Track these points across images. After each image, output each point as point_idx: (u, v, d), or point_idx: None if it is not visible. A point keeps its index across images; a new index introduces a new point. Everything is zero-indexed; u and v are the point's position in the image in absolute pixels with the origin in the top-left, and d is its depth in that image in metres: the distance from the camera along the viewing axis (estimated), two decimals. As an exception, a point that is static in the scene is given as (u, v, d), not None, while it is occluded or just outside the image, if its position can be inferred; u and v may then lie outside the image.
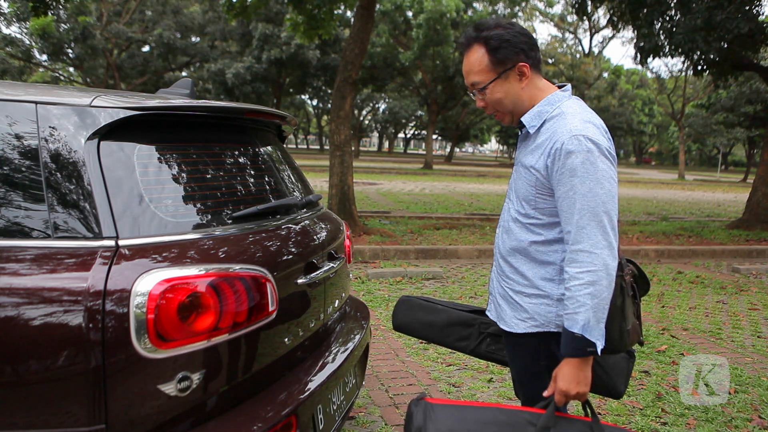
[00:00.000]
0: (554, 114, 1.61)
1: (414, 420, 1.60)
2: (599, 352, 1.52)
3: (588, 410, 1.65)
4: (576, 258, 1.50)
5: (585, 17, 11.93)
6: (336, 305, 2.27)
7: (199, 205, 1.67)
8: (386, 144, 72.12)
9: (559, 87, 1.70)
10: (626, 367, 1.80)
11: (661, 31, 9.69)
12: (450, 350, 3.95)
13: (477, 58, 1.64)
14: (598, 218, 1.49)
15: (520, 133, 1.74)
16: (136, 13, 30.39)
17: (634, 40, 10.35)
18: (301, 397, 1.75)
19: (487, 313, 1.90)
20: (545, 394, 1.61)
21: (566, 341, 1.52)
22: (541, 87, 1.67)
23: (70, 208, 1.45)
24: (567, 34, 40.78)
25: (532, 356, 1.72)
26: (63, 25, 27.36)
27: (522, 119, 1.67)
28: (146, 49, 31.89)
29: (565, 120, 1.57)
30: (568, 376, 1.53)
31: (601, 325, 1.50)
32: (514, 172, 1.75)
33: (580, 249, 1.50)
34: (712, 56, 9.46)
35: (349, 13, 21.09)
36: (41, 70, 34.73)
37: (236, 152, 1.96)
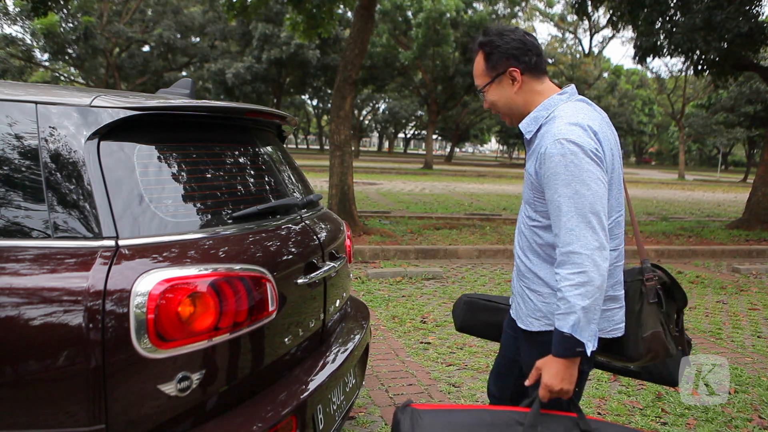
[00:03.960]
0: (549, 118, 1.63)
1: (401, 427, 1.59)
2: (588, 353, 1.52)
3: (572, 407, 1.64)
4: (566, 260, 1.50)
5: (585, 17, 11.93)
6: (336, 305, 2.27)
7: (199, 205, 1.67)
8: (386, 144, 72.12)
9: (560, 92, 1.70)
10: (681, 356, 1.83)
11: (660, 31, 9.68)
12: (449, 350, 3.96)
13: (477, 64, 1.74)
14: (586, 219, 1.49)
15: (525, 139, 1.76)
16: (137, 13, 30.39)
17: (634, 40, 10.35)
18: (301, 397, 1.75)
19: (510, 312, 1.90)
20: (526, 383, 1.62)
21: (556, 340, 1.52)
22: (540, 91, 1.70)
23: (70, 208, 1.45)
24: (567, 34, 40.80)
25: (544, 353, 1.70)
26: (64, 24, 27.37)
27: (519, 125, 1.70)
28: (146, 49, 31.89)
29: (554, 124, 1.58)
30: (555, 373, 1.53)
31: (593, 326, 1.50)
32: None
33: (570, 251, 1.50)
34: (711, 56, 9.46)
35: (349, 14, 21.09)
36: (41, 69, 34.72)
37: (236, 152, 1.96)
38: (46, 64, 32.67)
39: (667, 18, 9.60)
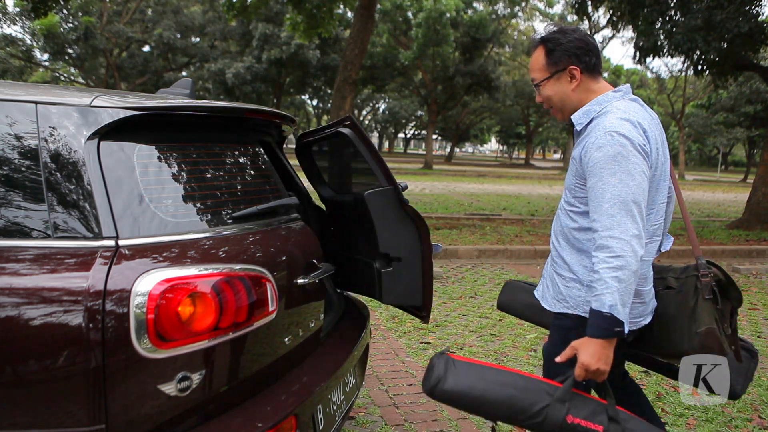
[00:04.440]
0: (600, 112, 1.72)
1: (435, 369, 1.66)
2: (625, 334, 1.57)
3: (605, 394, 1.68)
4: (606, 243, 1.57)
5: (585, 17, 11.93)
6: (336, 305, 2.26)
7: (199, 205, 1.67)
8: (386, 144, 72.12)
9: (615, 90, 1.78)
10: (747, 366, 1.85)
11: (660, 31, 9.68)
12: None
13: (536, 58, 1.82)
14: (627, 207, 1.57)
15: (574, 131, 1.85)
16: (137, 13, 30.38)
17: (634, 40, 10.35)
18: (301, 397, 1.75)
19: (534, 292, 2.00)
20: (558, 359, 1.67)
21: (593, 321, 1.58)
22: (594, 89, 1.78)
23: (70, 208, 1.45)
24: (567, 34, 40.72)
25: (563, 338, 1.78)
26: (64, 24, 27.37)
27: (572, 117, 1.80)
28: (146, 49, 31.88)
29: (605, 118, 1.67)
30: (592, 352, 1.58)
31: (626, 310, 1.56)
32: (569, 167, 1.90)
33: (609, 235, 1.56)
34: (711, 56, 9.46)
35: (349, 14, 21.09)
36: (41, 69, 34.72)
37: (236, 152, 1.96)
38: (46, 64, 32.66)
39: (667, 18, 9.59)
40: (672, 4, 9.41)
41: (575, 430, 1.58)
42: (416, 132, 64.37)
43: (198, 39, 32.07)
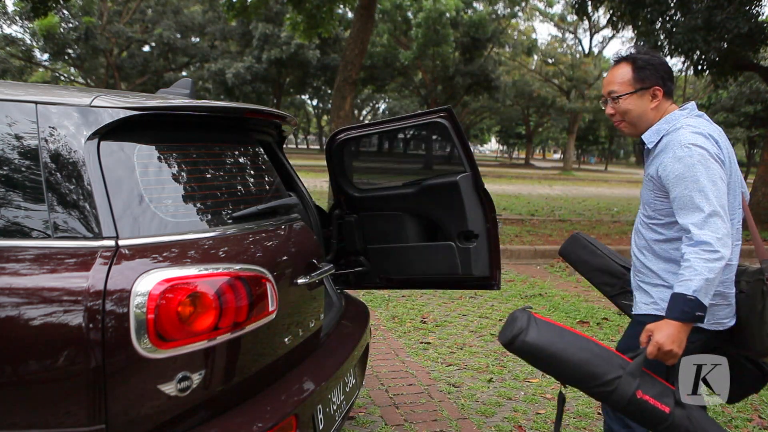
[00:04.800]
0: (671, 130, 1.84)
1: (517, 321, 1.71)
2: (704, 320, 1.67)
3: (674, 380, 1.71)
4: (702, 239, 1.65)
5: (585, 17, 11.92)
6: (336, 305, 2.27)
7: (199, 205, 1.67)
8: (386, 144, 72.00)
9: (681, 108, 1.90)
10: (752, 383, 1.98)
11: (661, 31, 9.67)
12: (449, 350, 3.96)
13: (621, 73, 1.90)
14: (716, 213, 1.67)
15: (643, 149, 1.97)
16: (137, 13, 30.37)
17: (634, 40, 10.34)
18: (301, 397, 1.75)
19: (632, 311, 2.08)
20: (641, 338, 1.73)
21: (675, 304, 1.65)
22: (665, 110, 1.91)
23: (70, 208, 1.45)
24: (567, 34, 40.79)
25: (639, 333, 1.84)
26: (64, 24, 27.36)
27: (643, 137, 1.90)
28: (146, 49, 31.87)
29: (678, 134, 1.80)
30: (668, 333, 1.65)
31: (707, 300, 1.64)
32: (643, 184, 2.01)
33: (703, 234, 1.66)
34: (712, 56, 9.45)
35: (349, 14, 21.09)
36: (41, 69, 34.71)
37: (236, 152, 1.96)
38: (46, 64, 32.66)
39: (667, 18, 9.59)
40: (672, 4, 9.41)
41: (643, 406, 1.63)
42: (416, 132, 64.19)
43: (198, 39, 32.06)
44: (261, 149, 2.12)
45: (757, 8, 8.92)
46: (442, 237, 2.68)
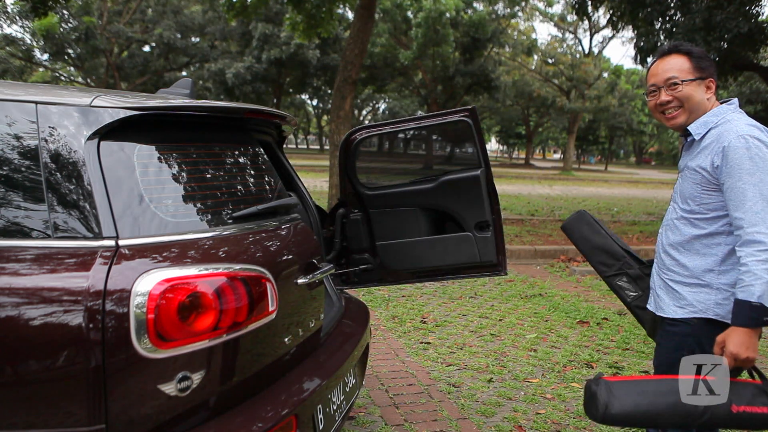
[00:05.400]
0: (719, 123, 1.84)
1: (599, 397, 1.71)
2: None
3: (757, 375, 1.74)
4: (753, 238, 1.65)
5: (585, 17, 11.92)
6: (336, 305, 2.26)
7: (199, 205, 1.67)
8: (386, 144, 72.01)
9: (723, 102, 1.91)
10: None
11: (660, 31, 9.67)
12: (449, 350, 3.96)
13: (678, 62, 1.90)
14: None
15: (685, 142, 1.97)
16: (137, 13, 30.37)
17: (634, 40, 10.34)
18: (301, 397, 1.75)
19: (647, 306, 2.07)
20: (715, 350, 1.72)
21: (741, 311, 1.65)
22: (714, 102, 1.92)
23: (70, 208, 1.45)
24: (567, 34, 40.77)
25: (677, 345, 1.87)
26: (64, 24, 27.36)
27: (689, 128, 1.89)
28: (146, 49, 31.87)
29: (731, 124, 1.80)
30: (740, 341, 1.65)
31: None
32: (680, 178, 1.99)
33: (756, 231, 1.65)
34: (711, 56, 9.45)
35: (349, 14, 21.09)
36: (41, 69, 34.71)
37: (236, 152, 1.96)
38: (46, 64, 32.65)
39: (667, 18, 9.59)
40: (672, 4, 9.40)
41: (742, 418, 1.64)
42: (416, 132, 64.18)
43: (198, 39, 32.05)
44: (261, 149, 2.12)
45: (756, 8, 8.92)
46: (457, 228, 2.88)
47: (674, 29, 9.29)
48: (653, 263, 2.08)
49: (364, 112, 53.13)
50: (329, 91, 32.70)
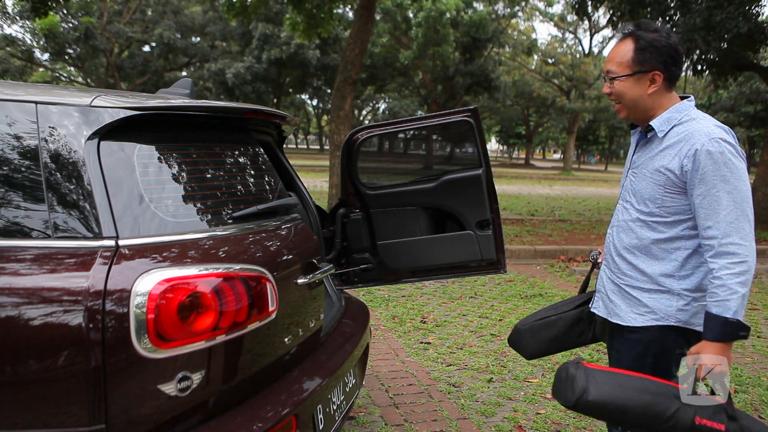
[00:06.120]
0: (683, 120, 1.72)
1: (578, 381, 1.66)
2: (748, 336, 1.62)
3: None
4: (727, 250, 1.60)
5: (585, 17, 11.92)
6: (336, 305, 2.26)
7: (199, 205, 1.67)
8: (386, 144, 71.99)
9: (682, 98, 1.78)
10: None
11: (660, 31, 9.66)
12: (449, 350, 3.96)
13: (622, 50, 1.74)
14: (744, 213, 1.61)
15: (639, 137, 1.83)
16: (137, 13, 30.37)
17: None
18: (301, 397, 1.75)
19: (593, 309, 1.99)
20: (688, 362, 1.69)
21: (715, 326, 1.60)
22: (667, 97, 1.77)
23: (70, 208, 1.45)
24: (567, 34, 40.77)
25: (641, 352, 1.81)
26: (64, 24, 27.35)
27: (652, 124, 1.75)
28: (146, 49, 31.87)
29: (699, 124, 1.68)
30: (714, 355, 1.61)
31: (743, 312, 1.60)
32: (631, 175, 1.84)
33: (730, 242, 1.60)
34: (711, 56, 9.46)
35: (349, 14, 21.09)
36: (41, 69, 34.71)
37: (236, 152, 1.96)
38: (46, 64, 32.65)
39: (667, 18, 9.59)
40: (672, 4, 9.41)
41: (702, 430, 1.61)
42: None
43: (198, 39, 32.05)
44: (261, 149, 2.12)
45: (756, 8, 8.92)
46: (458, 227, 2.90)
47: (674, 29, 9.30)
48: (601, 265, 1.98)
49: (364, 112, 53.11)
50: (329, 91, 32.68)
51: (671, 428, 1.61)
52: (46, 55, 30.63)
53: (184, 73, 32.83)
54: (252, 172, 1.99)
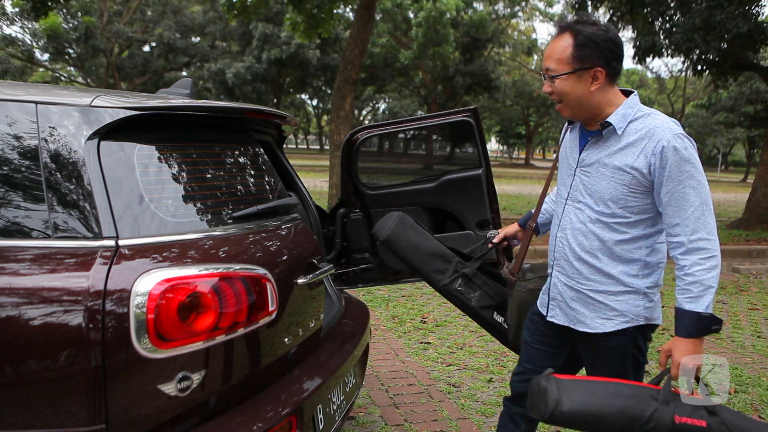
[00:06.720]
0: (637, 116, 1.67)
1: (550, 393, 1.63)
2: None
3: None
4: (697, 246, 1.60)
5: (585, 17, 11.91)
6: (336, 305, 2.26)
7: (199, 205, 1.67)
8: (386, 144, 71.96)
9: (626, 93, 1.73)
10: None
11: (660, 31, 9.68)
12: (449, 350, 3.96)
13: (561, 46, 1.66)
14: (709, 208, 1.62)
15: (583, 135, 1.76)
16: (137, 13, 30.37)
17: (634, 40, 10.35)
18: (301, 397, 1.75)
19: (550, 318, 1.89)
20: (660, 360, 1.69)
21: (688, 322, 1.60)
22: (613, 93, 1.71)
23: (70, 208, 1.45)
24: (567, 34, 40.68)
25: (621, 355, 1.79)
26: (65, 24, 27.36)
27: (610, 120, 1.68)
28: (146, 49, 31.88)
29: (656, 119, 1.64)
30: (686, 352, 1.60)
31: (712, 306, 1.61)
32: (584, 174, 1.75)
33: (699, 237, 1.60)
34: (711, 56, 9.46)
35: (350, 14, 21.08)
36: (41, 69, 34.71)
37: (236, 152, 1.96)
38: (46, 64, 32.65)
39: (667, 18, 9.59)
40: (671, 4, 9.41)
41: (683, 429, 1.60)
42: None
43: (198, 39, 32.06)
44: (261, 149, 2.12)
45: (756, 8, 8.92)
46: (458, 227, 2.91)
47: (674, 29, 9.30)
48: (551, 270, 1.88)
49: (364, 112, 53.11)
50: (329, 91, 32.68)
51: (651, 430, 1.59)
52: (46, 56, 30.63)
53: (184, 73, 32.82)
54: (252, 172, 1.99)
